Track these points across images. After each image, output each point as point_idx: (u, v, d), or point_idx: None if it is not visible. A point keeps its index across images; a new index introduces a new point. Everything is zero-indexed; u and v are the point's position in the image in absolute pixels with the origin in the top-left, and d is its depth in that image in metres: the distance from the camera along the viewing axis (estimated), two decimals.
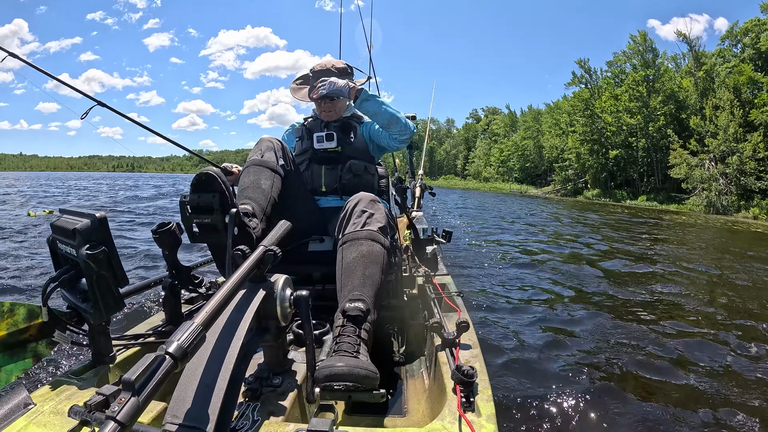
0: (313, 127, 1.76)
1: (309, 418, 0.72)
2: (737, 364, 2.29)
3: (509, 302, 3.26)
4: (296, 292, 0.86)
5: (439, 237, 2.13)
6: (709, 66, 23.41)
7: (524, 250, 5.85)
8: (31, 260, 4.31)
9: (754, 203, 18.38)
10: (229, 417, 0.66)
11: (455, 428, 0.75)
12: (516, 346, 2.41)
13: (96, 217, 0.88)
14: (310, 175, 1.69)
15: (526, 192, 35.08)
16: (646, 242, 7.25)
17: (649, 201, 24.19)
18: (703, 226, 12.47)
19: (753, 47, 21.67)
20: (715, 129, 20.92)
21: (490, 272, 4.34)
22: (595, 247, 6.24)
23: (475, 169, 50.42)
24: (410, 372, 1.49)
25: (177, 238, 1.22)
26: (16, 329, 0.93)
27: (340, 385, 0.91)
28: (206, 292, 1.40)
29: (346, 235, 1.25)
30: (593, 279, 4.14)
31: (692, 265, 5.02)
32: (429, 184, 3.32)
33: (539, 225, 9.81)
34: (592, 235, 8.12)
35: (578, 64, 31.81)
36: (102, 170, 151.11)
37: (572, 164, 31.83)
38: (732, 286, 4.15)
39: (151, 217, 8.99)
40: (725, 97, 20.82)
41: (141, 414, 0.47)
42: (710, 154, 21.11)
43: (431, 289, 1.52)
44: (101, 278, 0.88)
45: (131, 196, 16.71)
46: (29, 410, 0.80)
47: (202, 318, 0.58)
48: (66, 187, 23.56)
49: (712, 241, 8.57)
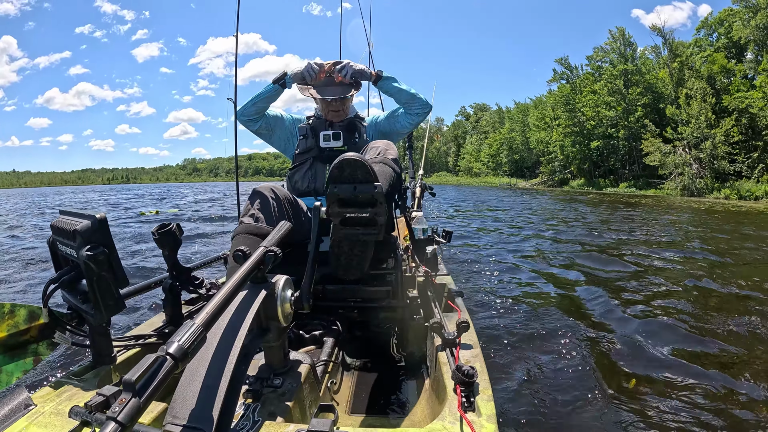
0: (317, 125, 1.76)
1: (309, 419, 0.72)
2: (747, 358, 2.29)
3: (510, 302, 3.26)
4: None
5: (439, 237, 2.13)
6: (684, 57, 24.98)
7: (523, 249, 5.85)
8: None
9: (728, 185, 19.93)
10: (229, 418, 0.66)
11: (455, 428, 0.76)
12: (517, 346, 2.41)
13: (96, 218, 0.88)
14: (313, 175, 1.69)
15: (516, 185, 36.82)
16: (630, 231, 7.45)
17: (629, 188, 26.05)
18: (679, 207, 14.09)
19: (726, 36, 23.16)
20: (688, 117, 22.66)
21: (490, 272, 4.34)
22: (592, 242, 6.24)
23: (465, 164, 52.01)
24: (410, 372, 1.49)
25: (177, 239, 1.22)
26: (17, 330, 0.93)
27: (351, 158, 1.02)
28: (207, 293, 1.40)
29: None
30: (593, 278, 4.14)
31: (682, 253, 5.03)
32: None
33: (534, 219, 9.89)
34: (583, 228, 8.41)
35: (558, 62, 34.14)
36: (96, 183, 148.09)
37: (557, 156, 33.75)
38: (710, 263, 4.56)
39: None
40: (696, 86, 22.46)
41: (142, 415, 0.48)
42: (684, 141, 22.83)
43: (431, 289, 1.52)
44: (102, 279, 0.88)
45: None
46: (30, 411, 0.80)
47: (202, 319, 0.59)
48: (92, 200, 24.59)
49: (688, 220, 9.70)
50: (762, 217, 11.28)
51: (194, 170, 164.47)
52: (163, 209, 14.19)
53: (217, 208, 14.22)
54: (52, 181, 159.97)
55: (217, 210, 13.09)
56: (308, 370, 0.96)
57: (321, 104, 1.80)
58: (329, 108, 1.76)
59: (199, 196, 24.87)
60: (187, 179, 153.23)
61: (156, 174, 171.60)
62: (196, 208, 14.69)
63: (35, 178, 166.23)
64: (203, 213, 12.15)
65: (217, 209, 13.44)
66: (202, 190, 39.10)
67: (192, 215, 11.43)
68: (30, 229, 9.21)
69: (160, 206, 15.78)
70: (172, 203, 18.17)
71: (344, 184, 1.03)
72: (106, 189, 60.98)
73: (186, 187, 51.91)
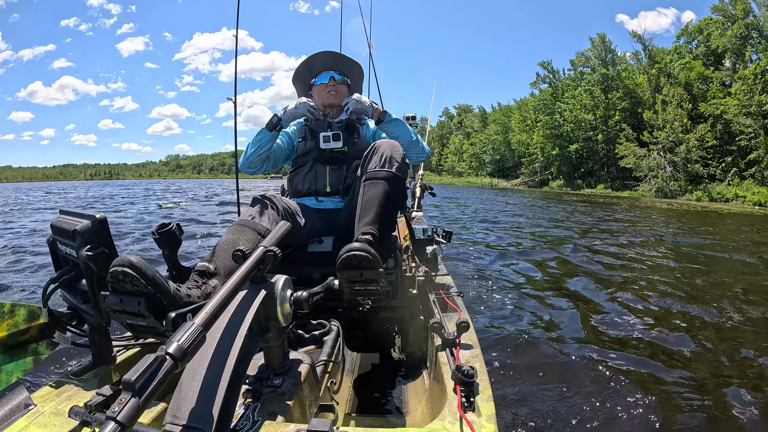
0: (317, 126, 1.75)
1: (309, 419, 0.72)
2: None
3: (510, 302, 3.26)
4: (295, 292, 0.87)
5: (439, 237, 2.13)
6: (663, 63, 26.29)
7: (521, 247, 5.85)
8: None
9: (700, 187, 21.04)
10: (229, 417, 0.66)
11: (455, 428, 0.75)
12: (516, 346, 2.41)
13: (96, 218, 0.88)
14: (314, 176, 1.68)
15: (497, 185, 38.08)
16: (615, 235, 7.57)
17: (605, 189, 27.45)
18: (651, 208, 15.15)
19: (705, 44, 24.29)
20: (663, 122, 23.98)
21: (490, 272, 4.34)
22: (585, 242, 6.25)
23: (449, 164, 53.24)
24: (410, 372, 1.49)
25: (177, 239, 1.22)
26: (17, 330, 0.93)
27: (356, 254, 1.12)
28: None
29: (367, 173, 1.39)
30: (592, 276, 4.14)
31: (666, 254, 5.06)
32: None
33: (523, 222, 10.00)
34: (567, 225, 8.86)
35: (541, 65, 35.52)
36: (78, 179, 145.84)
37: (538, 158, 35.14)
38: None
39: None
40: (671, 92, 23.83)
41: (141, 414, 0.47)
42: (659, 145, 24.03)
43: (431, 289, 1.52)
44: (102, 279, 0.88)
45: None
46: (29, 411, 0.80)
47: (202, 318, 0.58)
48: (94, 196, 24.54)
49: (663, 222, 10.48)
50: (721, 216, 12.37)
51: (177, 166, 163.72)
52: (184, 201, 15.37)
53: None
54: (34, 176, 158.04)
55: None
56: (308, 370, 0.96)
57: (317, 92, 1.83)
58: (325, 90, 1.79)
59: (201, 192, 25.13)
60: (171, 175, 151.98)
61: (139, 170, 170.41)
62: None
63: (16, 173, 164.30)
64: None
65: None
66: (201, 186, 39.50)
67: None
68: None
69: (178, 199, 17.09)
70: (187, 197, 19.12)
71: (352, 270, 1.16)
72: (106, 186, 61.63)
73: (181, 183, 52.40)
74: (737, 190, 19.08)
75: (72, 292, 0.96)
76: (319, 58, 1.88)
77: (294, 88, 2.00)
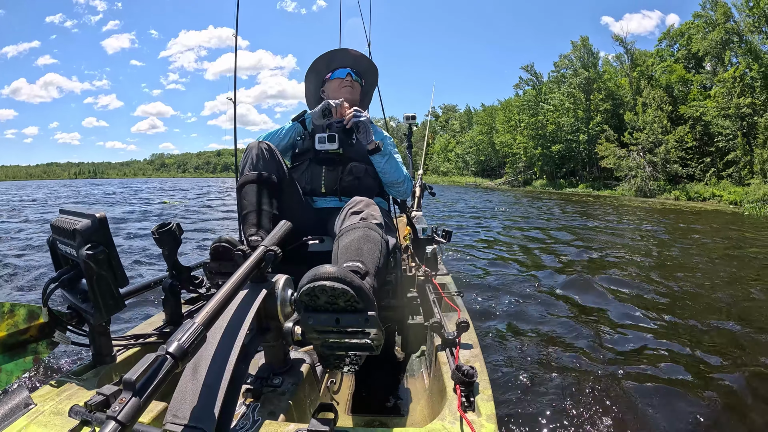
0: (314, 127, 1.75)
1: (309, 418, 0.72)
2: None
3: (509, 302, 3.26)
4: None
5: (439, 237, 2.13)
6: (644, 66, 27.05)
7: (519, 245, 5.85)
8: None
9: (679, 187, 21.71)
10: (229, 417, 0.66)
11: (455, 428, 0.76)
12: (516, 346, 2.41)
13: (96, 218, 0.88)
14: (309, 176, 1.67)
15: (481, 184, 38.85)
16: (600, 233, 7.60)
17: (587, 188, 28.26)
18: (632, 207, 15.54)
19: (686, 48, 24.94)
20: (643, 124, 24.76)
21: (489, 271, 4.34)
22: (573, 241, 6.26)
23: (434, 164, 53.89)
24: (410, 372, 1.49)
25: (177, 239, 1.22)
26: (17, 330, 0.93)
27: (327, 286, 0.76)
28: (206, 293, 1.40)
29: (342, 229, 1.19)
30: (591, 276, 4.14)
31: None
32: None
33: (516, 219, 10.08)
34: (550, 223, 9.04)
35: (524, 69, 36.80)
36: (63, 178, 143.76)
37: (521, 158, 36.03)
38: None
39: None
40: (651, 95, 24.61)
41: (142, 414, 0.48)
42: (639, 146, 24.77)
43: (431, 289, 1.52)
44: (101, 278, 0.88)
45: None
46: (30, 410, 0.80)
47: (202, 318, 0.59)
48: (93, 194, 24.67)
49: (639, 219, 10.76)
50: (695, 214, 12.90)
51: (162, 165, 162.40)
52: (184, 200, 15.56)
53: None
54: (17, 175, 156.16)
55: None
56: (308, 369, 0.96)
57: (331, 86, 1.84)
58: (342, 85, 1.80)
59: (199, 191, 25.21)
60: (155, 174, 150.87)
61: (123, 169, 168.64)
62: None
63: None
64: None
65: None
66: (200, 185, 39.68)
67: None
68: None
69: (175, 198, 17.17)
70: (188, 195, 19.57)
71: (320, 313, 0.80)
72: (106, 186, 61.70)
73: (176, 181, 52.72)
74: (714, 190, 19.54)
75: (72, 292, 0.96)
76: (340, 54, 1.89)
77: (305, 82, 1.96)
